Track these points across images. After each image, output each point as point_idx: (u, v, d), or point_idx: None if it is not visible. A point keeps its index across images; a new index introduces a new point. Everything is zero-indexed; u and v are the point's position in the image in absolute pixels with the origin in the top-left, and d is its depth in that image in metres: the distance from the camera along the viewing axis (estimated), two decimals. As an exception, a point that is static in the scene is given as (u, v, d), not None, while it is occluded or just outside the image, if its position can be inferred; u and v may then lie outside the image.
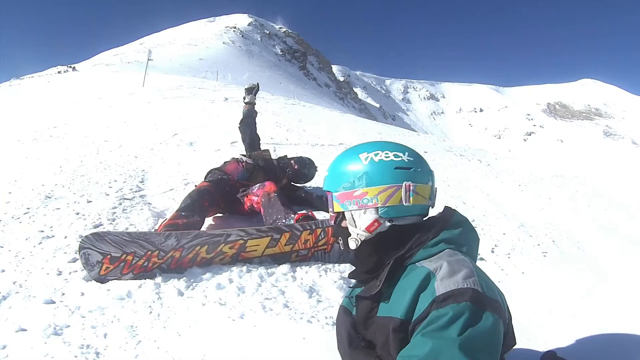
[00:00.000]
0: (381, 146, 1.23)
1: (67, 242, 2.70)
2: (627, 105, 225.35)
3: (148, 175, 4.30)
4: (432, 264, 1.06)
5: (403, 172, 1.18)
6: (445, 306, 0.93)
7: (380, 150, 1.21)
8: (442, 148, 8.37)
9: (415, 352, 0.91)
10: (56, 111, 8.94)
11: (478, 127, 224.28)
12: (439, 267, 1.03)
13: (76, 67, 31.11)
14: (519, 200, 4.53)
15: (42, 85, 15.81)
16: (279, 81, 72.05)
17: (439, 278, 1.00)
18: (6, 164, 4.89)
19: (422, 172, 1.21)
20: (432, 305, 0.95)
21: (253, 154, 3.71)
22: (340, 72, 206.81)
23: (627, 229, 4.07)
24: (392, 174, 1.18)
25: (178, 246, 2.43)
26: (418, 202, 1.18)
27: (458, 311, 0.92)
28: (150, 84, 13.91)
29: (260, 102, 12.21)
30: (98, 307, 2.02)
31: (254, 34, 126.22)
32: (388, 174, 1.18)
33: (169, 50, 66.49)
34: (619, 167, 15.20)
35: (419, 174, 1.20)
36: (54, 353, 1.68)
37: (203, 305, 2.14)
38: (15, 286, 2.17)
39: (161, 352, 1.78)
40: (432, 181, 1.24)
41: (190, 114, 8.37)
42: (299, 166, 3.77)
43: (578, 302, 2.39)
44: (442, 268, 1.02)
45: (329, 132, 8.38)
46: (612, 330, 2.01)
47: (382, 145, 1.23)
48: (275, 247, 2.63)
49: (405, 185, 1.16)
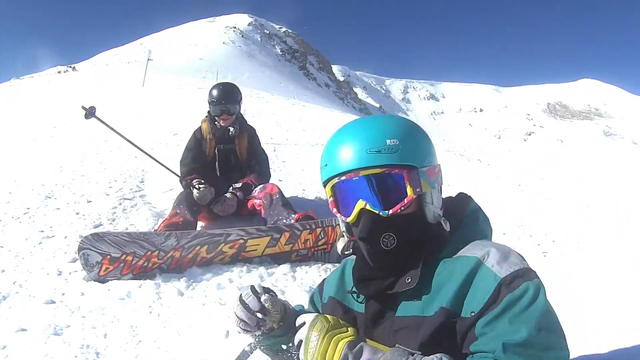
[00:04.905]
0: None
1: (67, 242, 2.70)
2: (627, 105, 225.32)
3: (148, 175, 4.30)
4: (475, 252, 0.94)
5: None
6: (519, 285, 0.86)
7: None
8: (442, 148, 8.37)
9: (515, 337, 0.81)
10: (56, 111, 8.94)
11: (478, 127, 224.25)
12: (487, 254, 0.92)
13: (76, 67, 31.12)
14: (519, 200, 4.53)
15: (42, 85, 15.81)
16: (279, 81, 72.04)
17: (495, 262, 0.90)
18: (6, 164, 4.89)
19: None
20: (500, 288, 0.86)
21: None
22: (340, 72, 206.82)
23: (628, 228, 4.07)
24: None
25: (178, 246, 2.43)
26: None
27: (536, 286, 0.86)
28: (150, 84, 13.90)
29: (260, 102, 12.24)
30: (98, 307, 2.02)
31: (254, 34, 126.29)
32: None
33: (169, 50, 66.51)
34: (619, 167, 15.27)
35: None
36: (54, 353, 1.68)
37: (203, 305, 2.14)
38: (15, 286, 2.17)
39: (161, 352, 1.78)
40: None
41: (190, 114, 8.37)
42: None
43: (578, 302, 2.39)
44: (491, 254, 0.92)
45: (329, 132, 8.36)
46: (612, 330, 2.00)
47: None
48: (275, 246, 2.63)
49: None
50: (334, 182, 1.02)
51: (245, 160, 3.45)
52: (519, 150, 77.90)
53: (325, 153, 1.05)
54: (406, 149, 0.96)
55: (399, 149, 0.96)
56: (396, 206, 0.95)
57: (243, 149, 3.43)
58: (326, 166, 1.03)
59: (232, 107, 3.29)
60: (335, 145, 1.02)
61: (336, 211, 1.05)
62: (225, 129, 3.32)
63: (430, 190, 0.99)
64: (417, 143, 1.00)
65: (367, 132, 0.98)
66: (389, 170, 0.95)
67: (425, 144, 1.03)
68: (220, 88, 3.36)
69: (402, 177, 0.95)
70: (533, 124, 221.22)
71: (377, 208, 0.96)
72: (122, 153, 5.22)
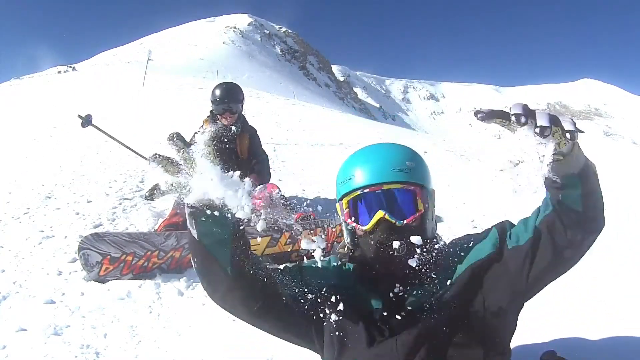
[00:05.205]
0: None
1: (67, 242, 2.70)
2: (627, 105, 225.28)
3: (148, 175, 4.30)
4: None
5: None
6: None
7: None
8: (442, 148, 8.37)
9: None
10: (56, 111, 8.94)
11: (478, 127, 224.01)
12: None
13: (76, 67, 31.13)
14: (519, 200, 4.52)
15: (42, 85, 15.80)
16: (279, 81, 72.06)
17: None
18: (6, 164, 4.89)
19: None
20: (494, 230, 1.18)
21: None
22: (340, 72, 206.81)
23: (628, 228, 4.07)
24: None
25: (178, 246, 2.43)
26: None
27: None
28: (150, 84, 13.90)
29: (260, 102, 12.24)
30: (98, 307, 2.02)
31: (254, 34, 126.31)
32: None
33: (169, 50, 66.53)
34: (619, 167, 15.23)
35: None
36: (54, 353, 1.68)
37: (203, 305, 2.14)
38: (15, 286, 2.17)
39: (161, 352, 1.78)
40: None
41: (190, 114, 8.37)
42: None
43: (578, 302, 2.39)
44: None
45: (329, 132, 8.38)
46: (612, 329, 2.00)
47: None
48: (275, 246, 2.63)
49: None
50: (355, 194, 1.13)
51: (246, 160, 3.46)
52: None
53: (347, 169, 1.17)
54: (419, 171, 1.14)
55: (415, 170, 1.13)
56: (410, 217, 1.09)
57: (244, 148, 3.45)
58: (350, 179, 1.15)
59: (234, 106, 3.33)
60: (360, 162, 1.15)
61: (352, 221, 1.15)
62: (227, 128, 3.34)
63: (432, 209, 1.16)
64: (425, 168, 1.18)
65: (392, 153, 1.15)
66: (407, 186, 1.11)
67: (428, 170, 1.20)
68: (223, 87, 3.41)
69: (416, 193, 1.11)
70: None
71: (394, 217, 1.09)
72: (122, 153, 5.21)
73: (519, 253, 1.08)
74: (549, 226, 1.05)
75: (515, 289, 1.09)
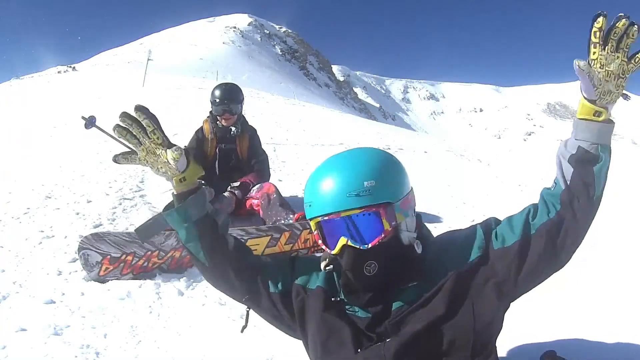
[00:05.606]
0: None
1: (67, 242, 2.70)
2: (627, 105, 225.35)
3: (148, 175, 4.30)
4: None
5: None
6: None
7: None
8: (442, 148, 8.37)
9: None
10: (56, 111, 8.94)
11: (478, 127, 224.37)
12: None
13: (76, 67, 31.14)
14: (519, 200, 4.53)
15: (42, 85, 15.80)
16: (279, 81, 72.07)
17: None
18: (6, 164, 4.89)
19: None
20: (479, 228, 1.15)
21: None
22: (340, 72, 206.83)
23: (628, 228, 4.07)
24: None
25: (178, 246, 2.43)
26: None
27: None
28: (150, 84, 13.90)
29: (260, 102, 12.25)
30: (98, 307, 2.02)
31: (254, 34, 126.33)
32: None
33: (169, 50, 66.54)
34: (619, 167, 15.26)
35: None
36: (54, 353, 1.68)
37: (203, 305, 2.14)
38: (15, 286, 2.17)
39: (161, 352, 1.78)
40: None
41: (190, 114, 8.38)
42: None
43: (578, 302, 2.39)
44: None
45: (329, 132, 8.38)
46: (612, 329, 2.00)
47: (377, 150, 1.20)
48: (275, 246, 2.63)
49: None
50: (317, 220, 1.11)
51: (246, 160, 3.46)
52: (519, 150, 78.13)
53: (308, 193, 1.13)
54: (382, 188, 1.05)
55: (376, 189, 1.04)
56: (374, 240, 1.05)
57: (244, 149, 3.45)
58: (310, 206, 1.12)
59: (234, 107, 3.33)
60: (317, 186, 1.09)
61: (321, 243, 1.14)
62: (227, 128, 3.34)
63: (405, 219, 1.09)
64: (391, 179, 1.09)
65: (346, 176, 1.06)
66: (367, 210, 1.04)
67: (399, 177, 1.11)
68: (223, 88, 3.41)
69: (379, 214, 1.04)
70: (533, 124, 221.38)
71: (358, 243, 1.05)
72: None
73: (506, 255, 1.07)
74: (550, 230, 1.06)
75: (502, 291, 1.08)
